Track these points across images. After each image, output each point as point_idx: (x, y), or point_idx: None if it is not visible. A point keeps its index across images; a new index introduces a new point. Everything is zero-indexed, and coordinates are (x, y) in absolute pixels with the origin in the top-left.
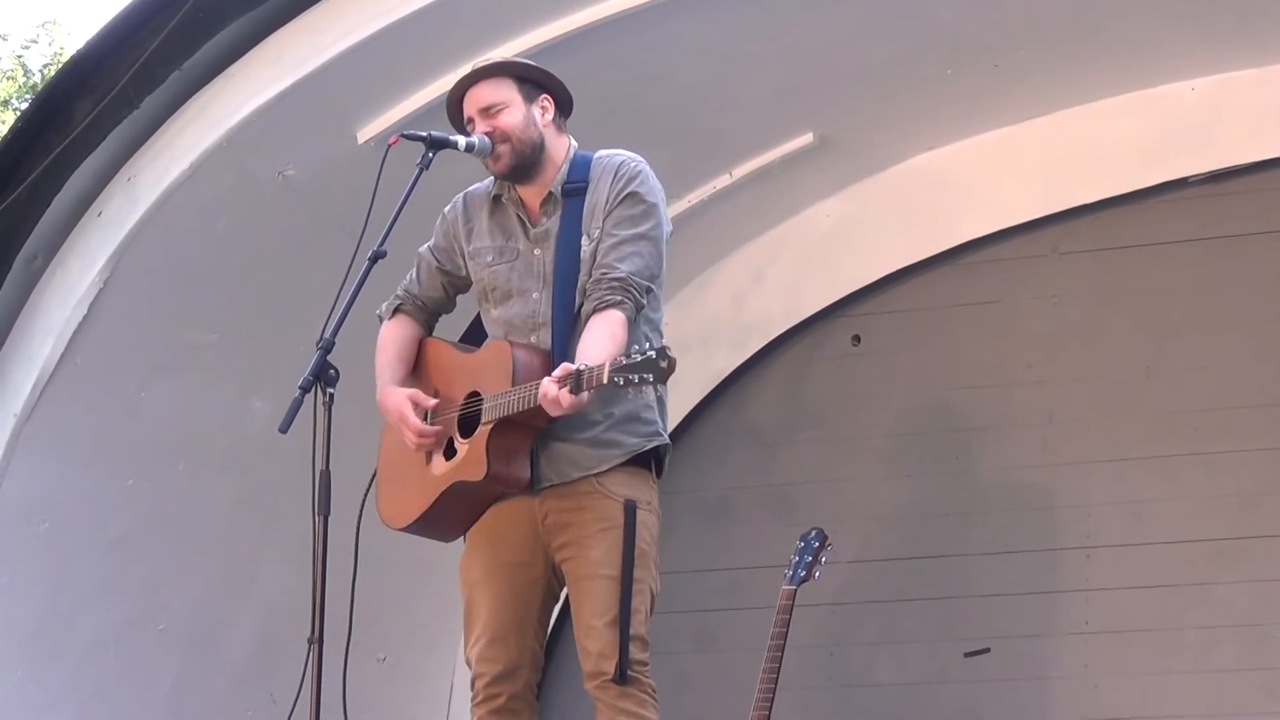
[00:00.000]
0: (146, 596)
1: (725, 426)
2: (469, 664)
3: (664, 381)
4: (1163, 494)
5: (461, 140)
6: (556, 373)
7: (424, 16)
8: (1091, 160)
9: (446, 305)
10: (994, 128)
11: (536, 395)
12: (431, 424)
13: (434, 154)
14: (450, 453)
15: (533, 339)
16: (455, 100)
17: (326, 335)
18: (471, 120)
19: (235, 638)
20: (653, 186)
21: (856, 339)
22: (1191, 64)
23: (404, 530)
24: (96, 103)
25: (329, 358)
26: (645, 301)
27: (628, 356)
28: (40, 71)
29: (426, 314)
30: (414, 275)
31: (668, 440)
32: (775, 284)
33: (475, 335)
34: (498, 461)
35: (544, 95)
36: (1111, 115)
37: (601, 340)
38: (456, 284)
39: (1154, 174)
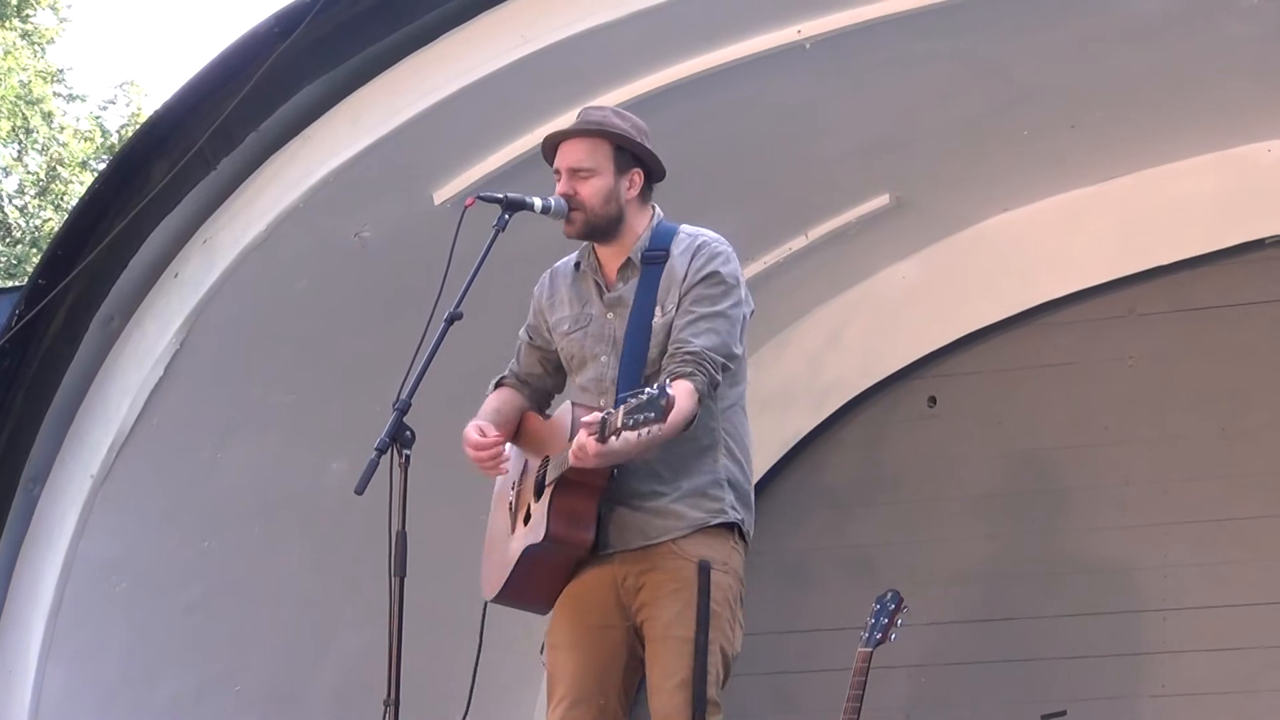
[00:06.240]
0: (224, 657)
1: (802, 487)
2: None
3: (664, 420)
4: (1240, 556)
5: (538, 202)
6: (586, 419)
7: (500, 79)
8: (1168, 221)
9: (549, 382)
10: (1071, 188)
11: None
12: (515, 491)
13: (510, 215)
14: (529, 519)
15: (601, 402)
16: (552, 145)
17: (403, 396)
18: (559, 172)
19: (312, 699)
20: (734, 269)
21: (932, 400)
22: (1269, 125)
23: (497, 602)
24: (174, 164)
25: (405, 419)
26: (720, 378)
27: (636, 397)
28: (118, 132)
29: (531, 390)
30: (515, 356)
31: (737, 518)
32: (851, 345)
33: None
34: (558, 523)
35: (636, 169)
36: (1188, 176)
37: None
38: (552, 359)
39: (1231, 235)
